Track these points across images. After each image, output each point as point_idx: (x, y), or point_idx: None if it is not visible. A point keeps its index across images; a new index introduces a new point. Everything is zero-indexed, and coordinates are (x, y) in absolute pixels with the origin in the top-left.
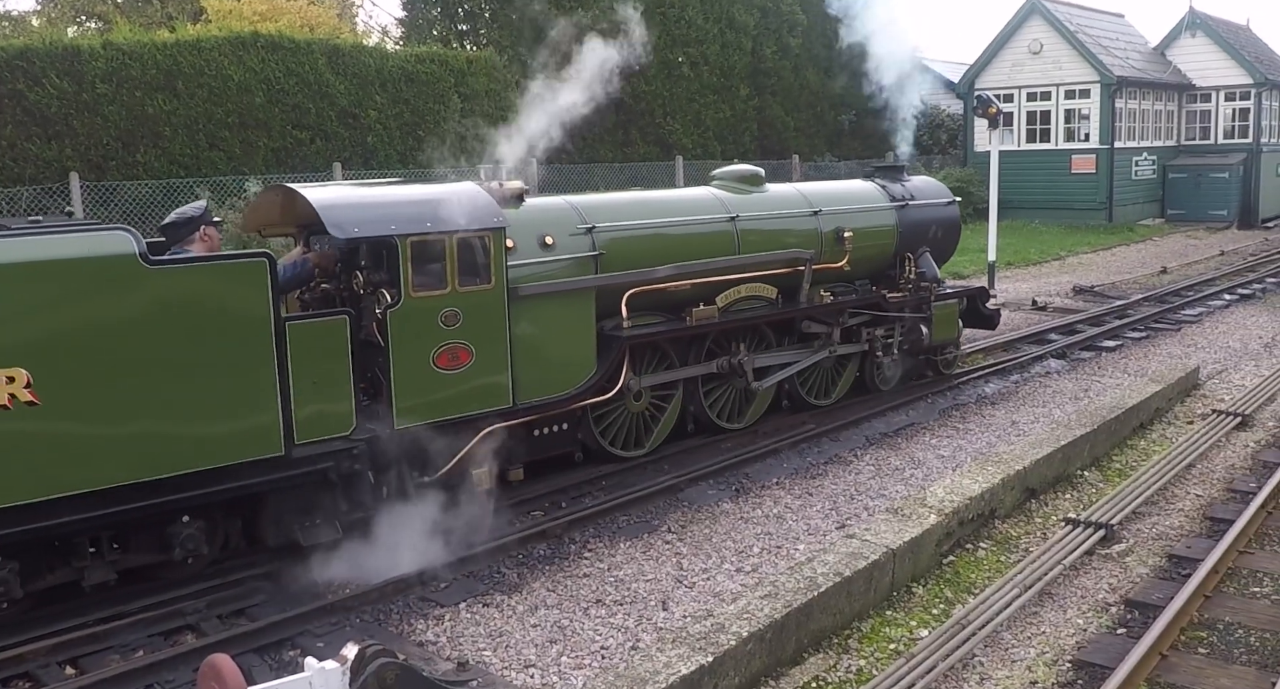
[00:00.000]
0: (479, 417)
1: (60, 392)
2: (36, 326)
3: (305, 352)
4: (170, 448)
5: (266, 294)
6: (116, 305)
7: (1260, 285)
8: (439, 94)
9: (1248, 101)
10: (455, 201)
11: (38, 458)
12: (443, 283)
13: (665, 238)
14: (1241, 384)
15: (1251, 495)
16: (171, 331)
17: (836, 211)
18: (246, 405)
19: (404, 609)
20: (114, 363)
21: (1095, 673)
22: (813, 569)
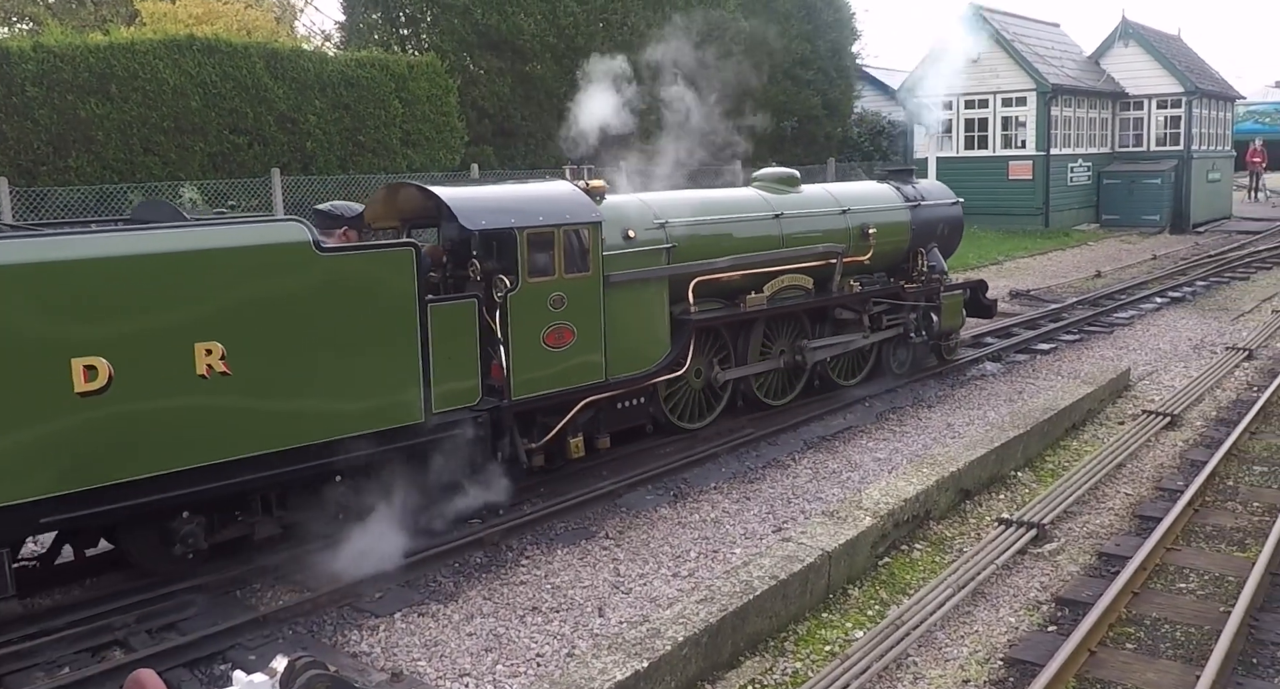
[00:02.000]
0: (578, 390)
1: (247, 363)
2: (228, 305)
3: (443, 330)
4: (331, 415)
5: (413, 278)
6: (292, 287)
7: (1190, 288)
8: (380, 99)
9: (1179, 109)
10: (560, 198)
11: (228, 423)
12: (551, 270)
13: (724, 233)
14: (1171, 385)
15: (1179, 493)
16: (335, 311)
17: (861, 210)
18: (395, 377)
19: (338, 620)
20: (288, 338)
21: (1026, 670)
22: (749, 573)
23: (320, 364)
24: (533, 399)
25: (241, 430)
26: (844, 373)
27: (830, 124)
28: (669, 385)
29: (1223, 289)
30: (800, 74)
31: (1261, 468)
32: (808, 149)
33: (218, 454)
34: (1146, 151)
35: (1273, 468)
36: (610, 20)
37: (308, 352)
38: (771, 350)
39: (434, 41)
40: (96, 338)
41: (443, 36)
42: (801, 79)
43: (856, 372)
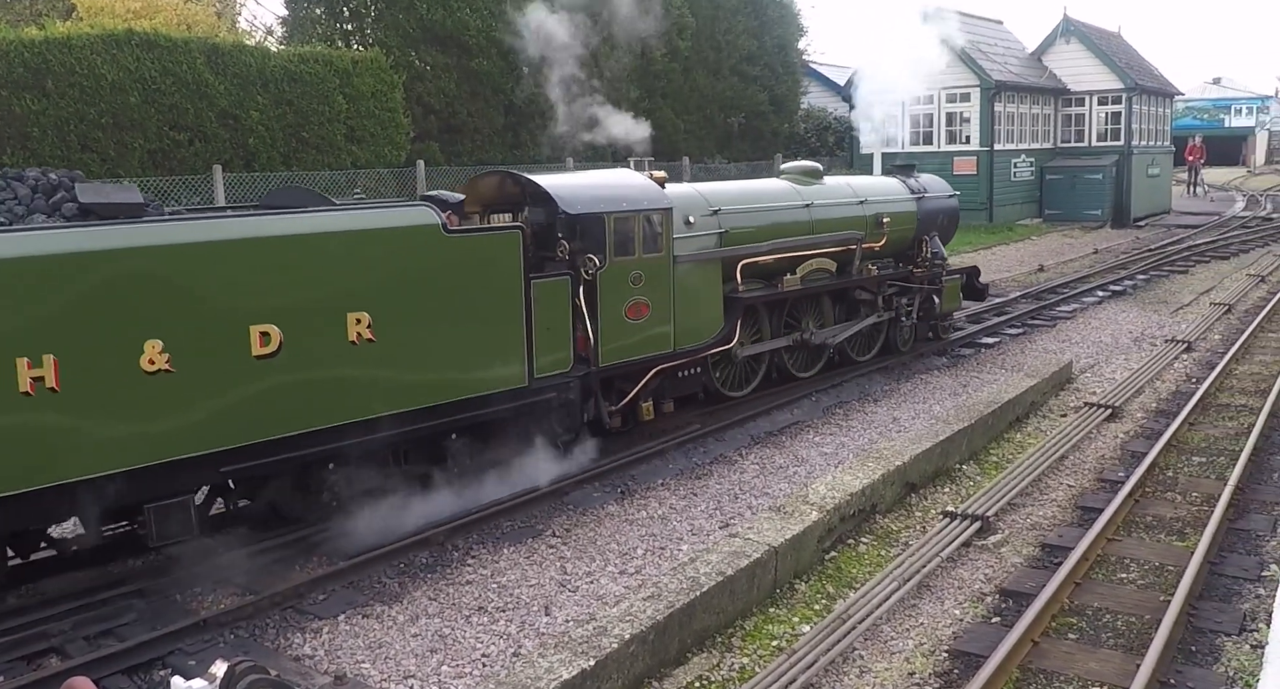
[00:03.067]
0: (651, 359)
1: (388, 332)
2: (373, 279)
3: (543, 303)
4: (454, 378)
5: (519, 257)
6: (424, 264)
7: (1131, 282)
8: (324, 95)
9: (1119, 106)
10: (639, 186)
11: (371, 384)
12: (631, 251)
13: (766, 220)
14: (1112, 377)
15: (1120, 484)
16: (457, 286)
17: (876, 201)
18: (505, 345)
19: (281, 623)
20: (420, 310)
21: (970, 662)
22: (696, 569)
23: (445, 333)
24: (615, 366)
25: (382, 391)
26: (858, 350)
27: (777, 120)
28: (717, 356)
29: (1162, 282)
30: (747, 70)
31: (1200, 458)
32: (754, 145)
33: (363, 412)
34: (1088, 147)
35: (1211, 458)
36: None
37: (435, 322)
38: (801, 327)
39: (378, 37)
40: (269, 307)
41: (387, 31)
42: (748, 75)
43: (868, 349)
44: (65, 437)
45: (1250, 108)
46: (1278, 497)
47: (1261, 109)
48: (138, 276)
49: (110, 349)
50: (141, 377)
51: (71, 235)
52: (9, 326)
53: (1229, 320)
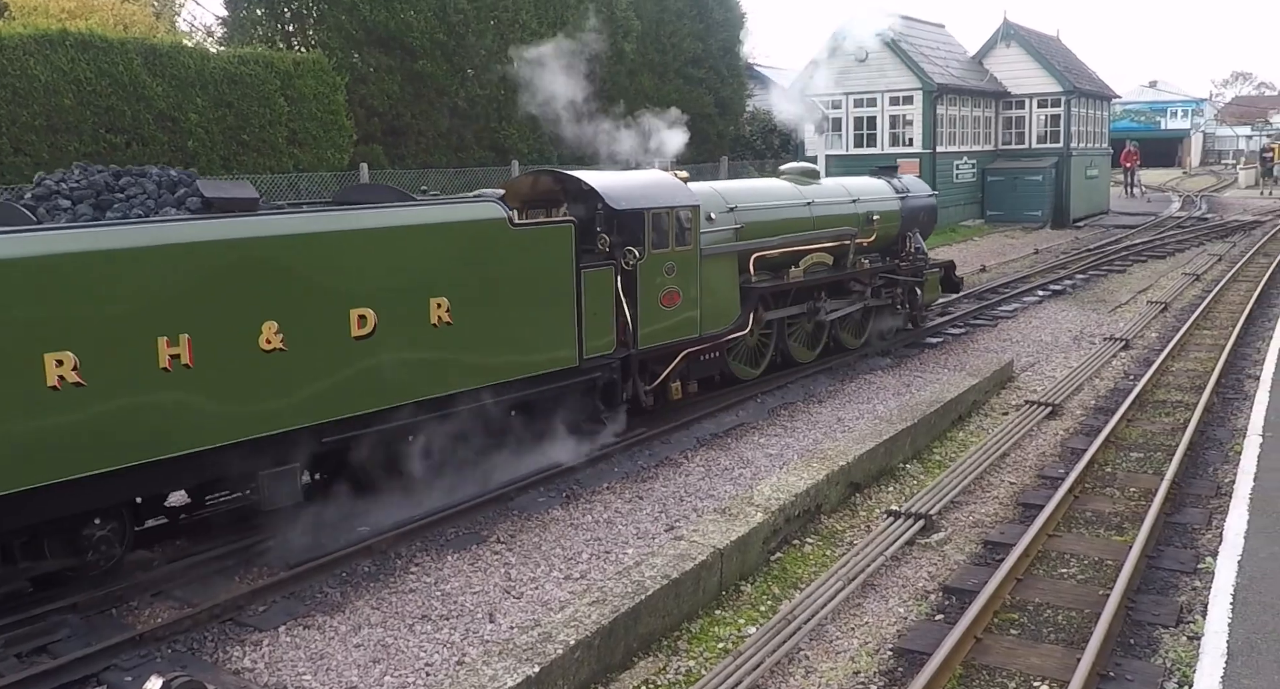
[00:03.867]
0: (681, 343)
1: (464, 315)
2: (451, 268)
3: (591, 291)
4: (517, 358)
5: (572, 247)
6: (492, 254)
7: (1070, 282)
8: (264, 97)
9: (1058, 108)
10: (671, 185)
11: (450, 363)
12: (666, 243)
13: (775, 217)
14: (1052, 375)
15: (1060, 481)
16: (520, 274)
17: (867, 200)
18: (560, 328)
19: (219, 636)
20: (489, 296)
21: (914, 659)
22: (641, 573)
23: (509, 317)
24: (652, 349)
25: (457, 370)
26: (850, 336)
27: (722, 122)
28: (733, 342)
29: (1101, 282)
30: (692, 72)
31: (1137, 454)
32: (700, 147)
33: (441, 389)
34: (1028, 149)
35: (1148, 454)
36: (501, 18)
37: (501, 306)
38: (800, 314)
39: (320, 38)
40: (366, 292)
41: (329, 33)
42: (694, 77)
43: (859, 335)
44: (197, 409)
45: (1185, 110)
46: (1212, 490)
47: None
48: (257, 263)
49: (234, 329)
50: (260, 355)
51: (202, 226)
52: (153, 308)
53: (1165, 318)
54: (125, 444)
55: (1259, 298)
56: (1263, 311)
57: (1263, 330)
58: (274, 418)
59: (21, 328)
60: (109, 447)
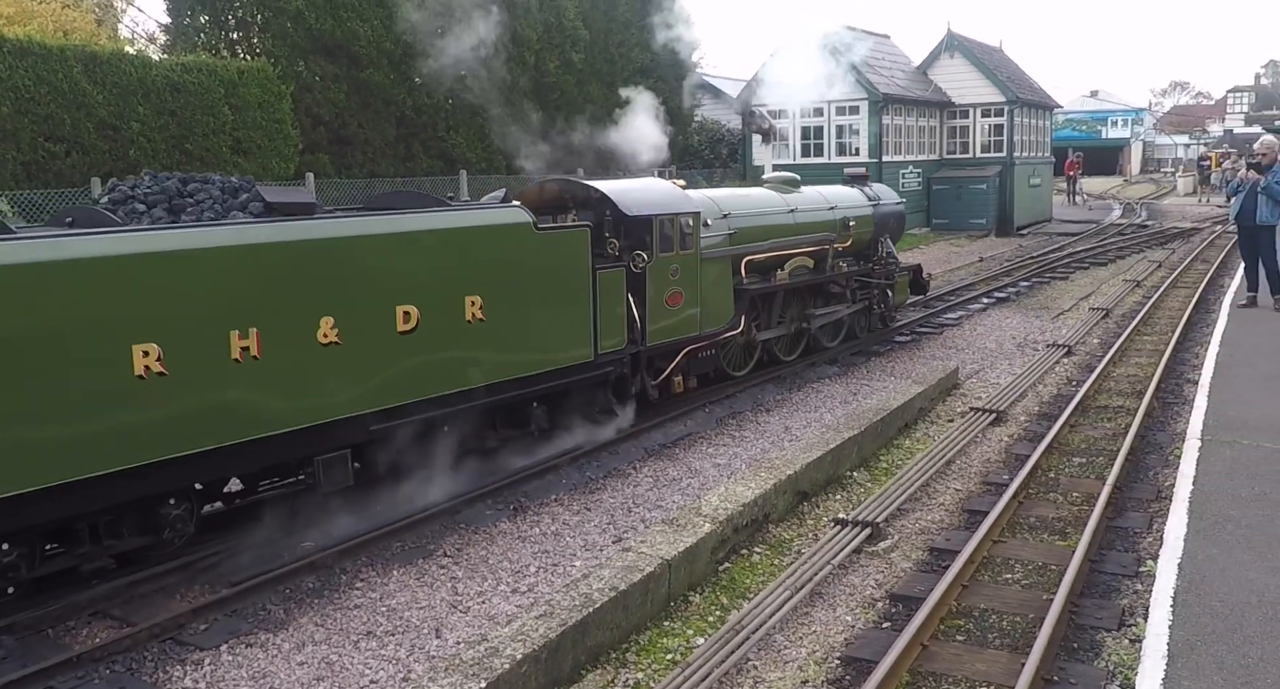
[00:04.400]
0: (683, 340)
1: (494, 312)
2: (483, 268)
3: (605, 290)
4: (540, 353)
5: (588, 250)
6: (519, 256)
7: (1015, 289)
8: (208, 105)
9: (1001, 118)
10: (675, 193)
11: (482, 357)
12: (671, 248)
13: (763, 223)
14: (997, 382)
15: (1004, 487)
16: (542, 274)
17: (843, 207)
18: (578, 325)
19: (160, 655)
20: (516, 294)
21: (862, 667)
22: (589, 585)
23: (533, 314)
24: (658, 346)
25: (488, 363)
26: (828, 336)
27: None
28: (726, 341)
29: (1044, 289)
30: (641, 82)
31: (1080, 459)
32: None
33: (474, 381)
34: (972, 158)
35: (1090, 459)
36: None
37: (526, 304)
38: (785, 317)
39: (266, 46)
40: (410, 290)
41: (275, 41)
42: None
43: (836, 335)
44: (264, 398)
45: (1126, 119)
46: (1153, 494)
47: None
48: (315, 263)
49: (296, 324)
50: (318, 348)
51: (267, 228)
52: (225, 304)
53: (1107, 325)
54: (201, 430)
55: (1197, 303)
56: (1201, 317)
57: (1201, 335)
58: (330, 407)
59: (113, 320)
60: (187, 432)
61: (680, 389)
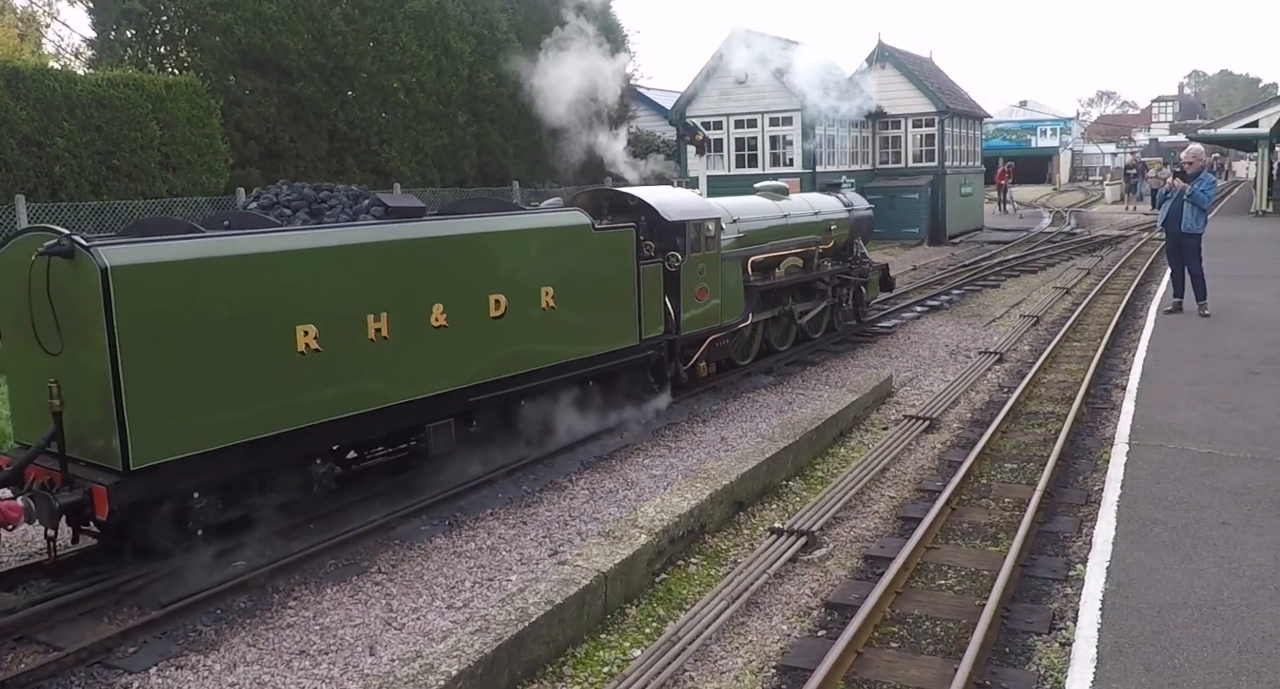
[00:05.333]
0: (708, 330)
1: (562, 301)
2: (553, 262)
3: (647, 284)
4: (596, 337)
5: (634, 248)
6: (580, 253)
7: (947, 297)
8: (135, 120)
9: (933, 128)
10: (701, 201)
11: (554, 341)
12: (699, 248)
13: (763, 227)
14: (930, 390)
15: (937, 494)
16: (597, 268)
17: (825, 212)
18: (625, 313)
19: (87, 680)
20: (578, 286)
21: (797, 676)
22: (524, 599)
23: (591, 303)
24: (689, 335)
25: (558, 347)
26: (813, 329)
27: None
28: (735, 332)
29: (976, 296)
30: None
31: (1012, 465)
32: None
33: (548, 361)
34: (904, 168)
35: (1022, 464)
36: (381, 40)
37: (586, 295)
38: (779, 311)
39: (194, 60)
40: (499, 281)
41: (203, 55)
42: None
43: (819, 328)
44: (392, 372)
45: (1054, 129)
46: (1082, 499)
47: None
48: (428, 257)
49: (416, 309)
50: (431, 330)
51: (392, 228)
52: (363, 291)
53: (1037, 331)
54: (346, 399)
55: (1125, 310)
56: (1129, 323)
57: (1129, 341)
58: (440, 380)
59: (281, 305)
60: (337, 400)
61: (705, 373)
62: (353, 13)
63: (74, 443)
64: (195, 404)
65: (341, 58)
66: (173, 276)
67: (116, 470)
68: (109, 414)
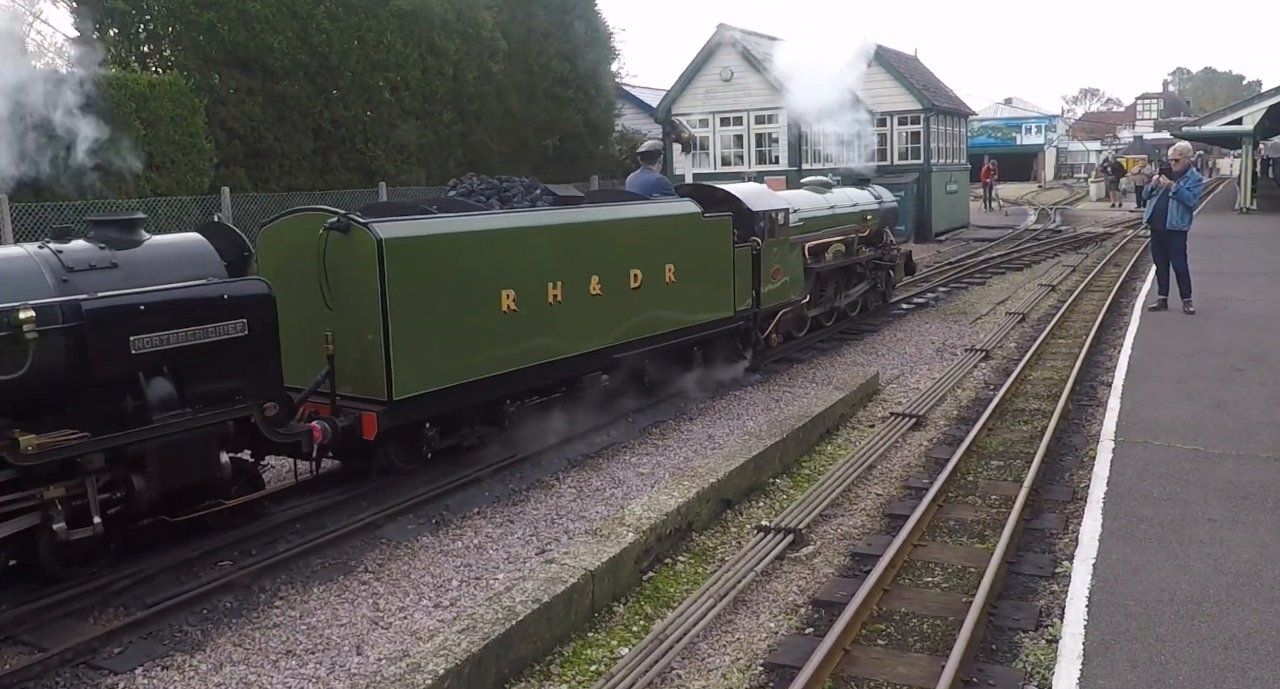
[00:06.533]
0: (781, 305)
1: (679, 277)
2: (673, 244)
3: (738, 264)
4: (703, 309)
5: (731, 233)
6: (691, 236)
7: (933, 294)
8: (119, 119)
9: (918, 126)
10: (774, 193)
11: (673, 310)
12: (775, 234)
13: (816, 216)
14: (917, 387)
15: (924, 491)
16: (704, 250)
17: (861, 204)
18: (722, 289)
19: (72, 681)
20: (689, 264)
21: (784, 674)
22: (511, 598)
23: (699, 279)
24: (768, 308)
25: (675, 315)
26: (850, 308)
27: (592, 142)
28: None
29: (962, 294)
30: (561, 93)
31: (998, 462)
32: (570, 167)
33: (668, 327)
34: (891, 165)
35: (1008, 462)
36: (365, 38)
37: (695, 272)
38: (825, 290)
39: (178, 59)
40: (636, 258)
41: (187, 54)
42: (562, 98)
43: (855, 307)
44: (563, 331)
45: (1039, 126)
46: (1069, 496)
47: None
48: (588, 237)
49: (580, 280)
50: (589, 297)
51: (565, 213)
52: (544, 263)
53: (1023, 328)
54: (533, 351)
55: (1110, 306)
56: (1114, 320)
57: (1114, 338)
58: (595, 339)
59: (492, 272)
60: (527, 351)
61: (776, 342)
62: (337, 11)
63: (340, 382)
64: (433, 349)
65: (326, 56)
66: (423, 248)
67: (381, 401)
68: (379, 356)
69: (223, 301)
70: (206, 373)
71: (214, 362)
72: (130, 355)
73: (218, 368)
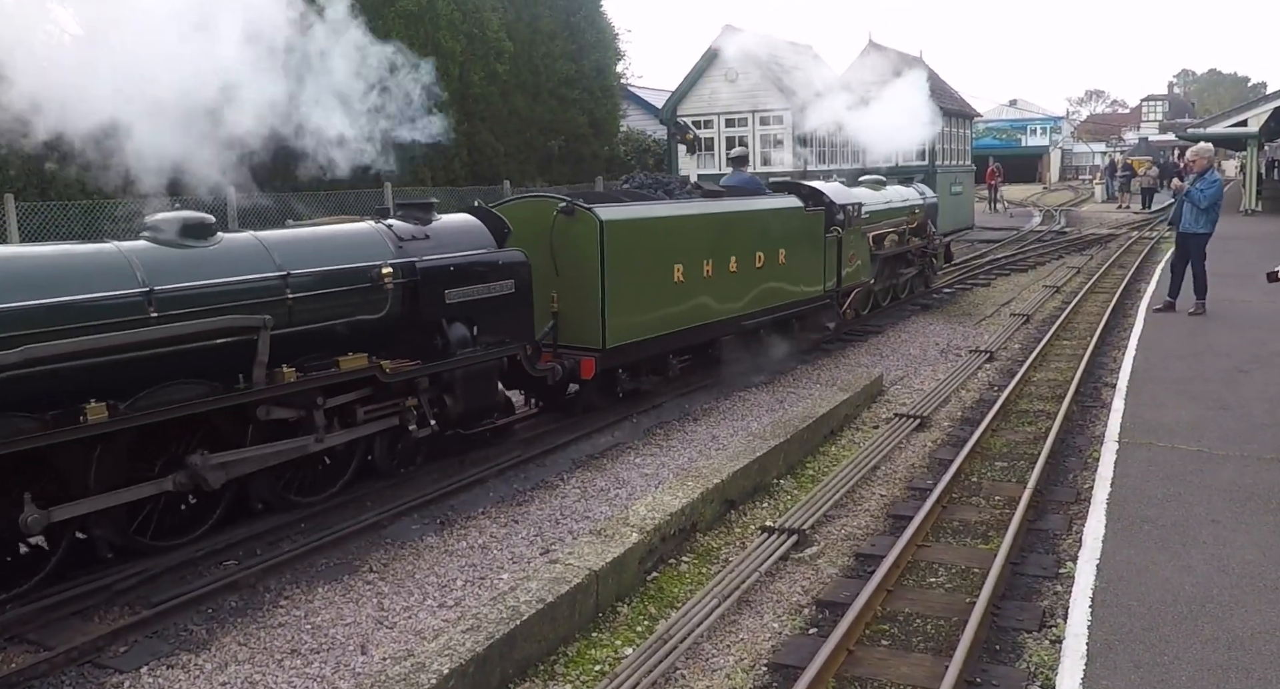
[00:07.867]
0: (855, 285)
1: (789, 259)
2: (784, 232)
3: (828, 249)
4: (802, 287)
5: (824, 224)
6: (795, 226)
7: (938, 296)
8: None
9: None
10: (850, 190)
11: (782, 286)
12: (851, 224)
13: (876, 209)
14: (921, 388)
15: (928, 492)
16: (804, 238)
17: (910, 199)
18: (817, 270)
19: (77, 680)
20: (794, 249)
21: (788, 674)
22: (515, 598)
23: (800, 262)
24: (847, 287)
25: (783, 292)
26: (900, 290)
27: (597, 143)
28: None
29: (967, 295)
30: (566, 93)
31: (1002, 463)
32: (575, 167)
33: (780, 300)
34: (896, 167)
35: (1012, 463)
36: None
37: (797, 256)
38: (884, 274)
39: None
40: (761, 242)
41: None
42: (567, 98)
43: (904, 290)
44: (711, 299)
45: (1044, 128)
46: (1072, 497)
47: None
48: (727, 225)
49: (723, 259)
50: (729, 273)
51: (714, 204)
52: (700, 244)
53: (1027, 330)
54: (692, 315)
55: (1114, 308)
56: (1118, 321)
57: (1119, 339)
58: (733, 308)
59: (669, 249)
60: (689, 315)
61: (850, 316)
62: None
63: (561, 334)
64: (631, 308)
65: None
66: (631, 228)
67: (597, 349)
68: (596, 312)
69: (499, 266)
70: (488, 321)
71: (493, 312)
72: (444, 304)
73: (495, 317)
